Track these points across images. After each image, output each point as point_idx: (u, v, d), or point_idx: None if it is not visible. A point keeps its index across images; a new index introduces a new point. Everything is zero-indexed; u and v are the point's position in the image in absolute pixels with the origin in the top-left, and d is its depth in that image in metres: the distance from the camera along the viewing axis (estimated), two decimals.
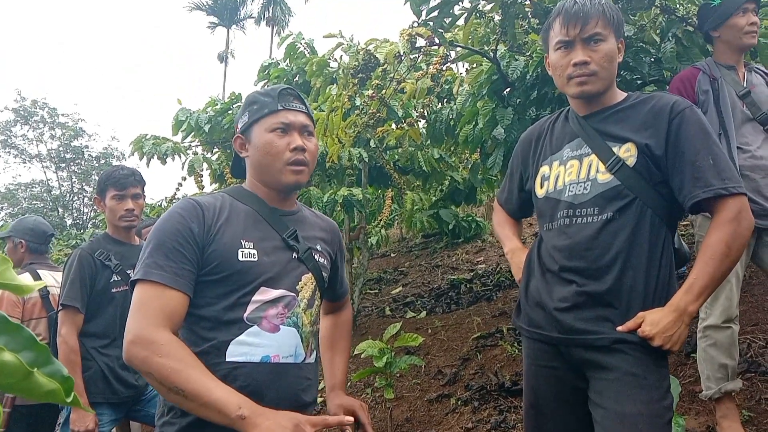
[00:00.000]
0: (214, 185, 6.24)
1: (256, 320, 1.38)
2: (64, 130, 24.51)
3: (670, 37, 3.10)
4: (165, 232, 1.36)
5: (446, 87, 4.80)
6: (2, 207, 24.82)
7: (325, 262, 1.59)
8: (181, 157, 5.68)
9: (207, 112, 5.72)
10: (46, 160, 24.72)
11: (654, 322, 1.44)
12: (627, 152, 1.55)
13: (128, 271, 2.70)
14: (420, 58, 3.50)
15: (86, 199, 24.77)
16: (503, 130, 3.38)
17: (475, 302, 5.55)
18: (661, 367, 1.49)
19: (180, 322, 1.33)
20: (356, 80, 3.19)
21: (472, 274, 6.79)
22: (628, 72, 3.13)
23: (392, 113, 4.63)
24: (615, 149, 1.57)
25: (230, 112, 5.67)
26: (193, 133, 5.79)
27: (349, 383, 4.25)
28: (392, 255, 10.10)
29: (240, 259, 1.39)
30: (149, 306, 1.29)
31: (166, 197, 7.66)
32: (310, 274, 1.51)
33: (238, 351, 1.35)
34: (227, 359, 1.35)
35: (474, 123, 3.63)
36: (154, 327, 1.26)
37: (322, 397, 3.45)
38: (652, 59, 3.14)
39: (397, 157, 5.96)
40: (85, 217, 24.58)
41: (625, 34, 3.03)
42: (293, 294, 1.45)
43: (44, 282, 0.48)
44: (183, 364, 1.22)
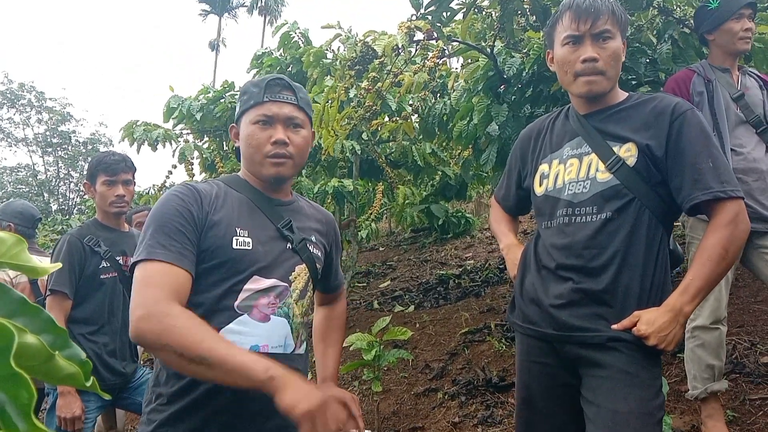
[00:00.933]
0: (204, 174, 6.20)
1: (246, 309, 1.37)
2: (51, 115, 24.23)
3: (667, 39, 3.12)
4: (165, 214, 1.34)
5: (440, 82, 4.79)
6: None
7: (319, 253, 1.58)
8: (171, 144, 5.64)
9: (199, 100, 5.67)
10: (32, 144, 24.46)
11: (649, 322, 1.45)
12: (627, 152, 1.55)
13: (117, 258, 2.68)
14: (417, 52, 3.49)
15: (72, 185, 24.55)
16: (497, 127, 3.38)
17: (464, 298, 5.57)
18: (654, 366, 1.50)
19: (185, 300, 1.30)
20: (353, 72, 3.18)
21: (460, 269, 6.80)
22: (624, 72, 3.14)
23: (386, 107, 4.62)
24: (615, 149, 1.56)
25: (222, 100, 5.63)
26: (184, 120, 5.74)
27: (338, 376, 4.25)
28: (381, 249, 10.11)
29: (234, 246, 1.38)
30: (157, 281, 1.26)
31: (155, 185, 7.59)
32: (303, 264, 1.49)
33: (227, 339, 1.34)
34: None
35: (469, 119, 3.63)
36: (165, 301, 1.22)
37: None
38: (648, 60, 3.15)
39: (389, 150, 5.95)
40: (70, 203, 24.35)
41: None
42: (285, 284, 1.44)
43: (59, 264, 0.47)
44: (202, 333, 1.19)
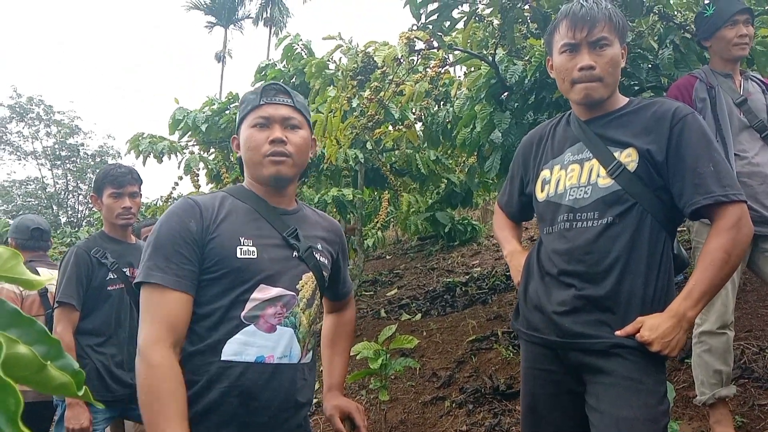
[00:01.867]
0: (210, 185, 6.24)
1: (252, 319, 1.38)
2: (59, 128, 24.43)
3: (668, 44, 3.13)
4: (164, 234, 1.37)
5: (443, 90, 4.81)
6: None
7: (325, 261, 1.58)
8: (177, 156, 5.68)
9: (204, 112, 5.73)
10: (41, 157, 24.64)
11: (653, 327, 1.44)
12: (628, 157, 1.55)
13: (124, 269, 2.70)
14: (418, 61, 3.51)
15: (81, 197, 24.70)
16: (500, 134, 3.39)
17: (471, 305, 5.55)
18: (658, 372, 1.49)
19: (185, 327, 1.34)
20: (355, 82, 3.20)
21: (467, 277, 6.79)
22: (626, 78, 3.15)
23: (389, 115, 4.64)
24: (616, 154, 1.56)
25: (227, 112, 5.68)
26: (189, 132, 5.79)
27: (344, 384, 4.25)
28: (388, 257, 10.11)
29: (239, 256, 1.39)
30: (153, 315, 1.31)
31: (162, 196, 7.64)
32: (310, 273, 1.50)
33: (233, 350, 1.35)
34: (222, 358, 1.35)
35: (472, 126, 3.64)
36: (153, 343, 1.28)
37: (317, 398, 3.45)
38: (650, 66, 3.16)
39: (394, 159, 5.97)
40: (79, 215, 24.50)
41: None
42: (293, 293, 1.44)
43: (53, 277, 0.48)
44: (154, 396, 1.25)
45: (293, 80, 5.84)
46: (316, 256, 1.53)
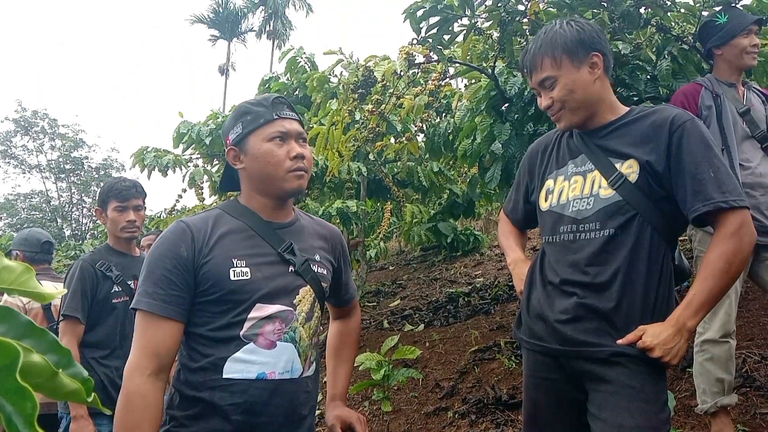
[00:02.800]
0: (214, 197, 6.28)
1: (252, 337, 1.39)
2: (64, 141, 24.62)
3: (666, 55, 3.16)
4: (155, 260, 1.40)
5: (444, 102, 4.85)
6: (1, 217, 24.87)
7: (324, 272, 1.57)
8: (181, 169, 5.73)
9: (208, 125, 5.78)
10: (45, 170, 24.82)
11: (654, 335, 1.45)
12: (629, 168, 1.55)
13: (129, 282, 2.72)
14: (419, 75, 3.55)
15: (85, 210, 24.84)
16: (501, 145, 3.42)
17: (473, 316, 5.56)
18: (659, 381, 1.50)
19: (170, 352, 1.38)
20: (356, 95, 3.24)
21: (470, 287, 6.80)
22: (625, 89, 3.18)
23: (391, 128, 4.68)
24: (617, 165, 1.57)
25: None
26: (193, 145, 5.84)
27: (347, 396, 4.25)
28: (390, 268, 10.12)
29: (232, 278, 1.39)
30: (138, 342, 1.37)
31: (166, 209, 7.69)
32: (308, 286, 1.50)
33: (234, 368, 1.37)
34: (224, 376, 1.37)
35: (472, 138, 3.68)
36: (132, 371, 1.34)
37: (320, 409, 3.45)
38: (649, 77, 3.19)
39: (396, 170, 6.01)
40: (84, 228, 24.62)
41: (622, 52, 3.08)
42: (290, 308, 1.45)
43: (65, 290, 0.51)
44: (121, 423, 1.31)
45: (297, 93, 5.90)
46: (314, 268, 1.53)
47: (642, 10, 3.05)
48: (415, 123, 4.71)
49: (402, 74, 3.13)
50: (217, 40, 37.31)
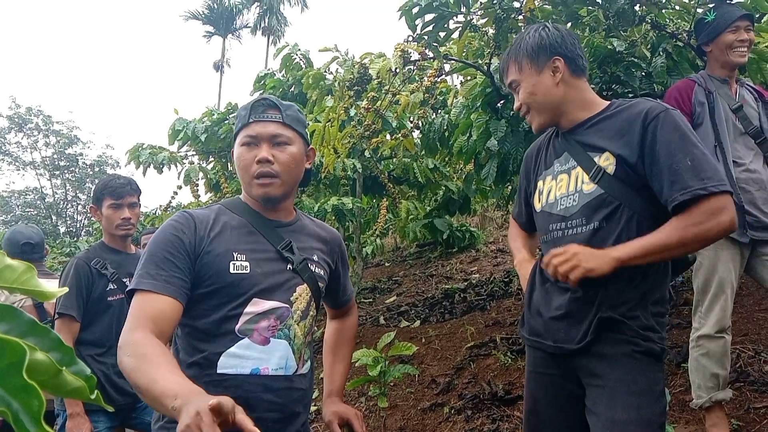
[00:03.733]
0: (209, 194, 6.28)
1: (247, 332, 1.40)
2: (58, 138, 24.52)
3: (661, 52, 3.17)
4: (157, 244, 1.39)
5: (441, 98, 4.86)
6: None
7: (321, 272, 1.59)
8: (177, 166, 5.71)
9: (203, 122, 5.76)
10: (40, 167, 24.74)
11: (569, 250, 1.50)
12: (606, 161, 1.56)
13: (124, 280, 2.72)
14: (414, 72, 3.56)
15: (80, 207, 24.78)
16: (496, 142, 3.43)
17: (469, 312, 5.57)
18: (653, 372, 1.51)
19: (168, 325, 1.32)
20: (352, 92, 3.24)
21: (466, 283, 6.82)
22: (620, 86, 3.19)
23: (387, 124, 4.68)
24: (596, 159, 1.58)
25: (226, 122, 5.71)
26: (189, 142, 5.83)
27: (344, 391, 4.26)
28: (386, 264, 10.12)
29: (231, 271, 1.40)
30: (134, 313, 1.30)
31: (161, 206, 7.67)
32: (305, 285, 1.51)
33: (228, 363, 1.38)
34: (218, 371, 1.37)
35: (468, 134, 3.68)
36: (131, 330, 1.25)
37: (316, 406, 3.46)
38: (643, 73, 3.20)
39: (392, 167, 6.01)
40: (78, 225, 24.55)
41: (617, 49, 3.10)
42: (287, 305, 1.46)
43: (66, 289, 0.51)
44: (141, 361, 1.18)
45: (292, 89, 5.89)
46: (312, 267, 1.54)
47: (636, 8, 3.06)
48: (411, 120, 4.72)
49: (397, 71, 3.13)
50: (211, 36, 37.16)
